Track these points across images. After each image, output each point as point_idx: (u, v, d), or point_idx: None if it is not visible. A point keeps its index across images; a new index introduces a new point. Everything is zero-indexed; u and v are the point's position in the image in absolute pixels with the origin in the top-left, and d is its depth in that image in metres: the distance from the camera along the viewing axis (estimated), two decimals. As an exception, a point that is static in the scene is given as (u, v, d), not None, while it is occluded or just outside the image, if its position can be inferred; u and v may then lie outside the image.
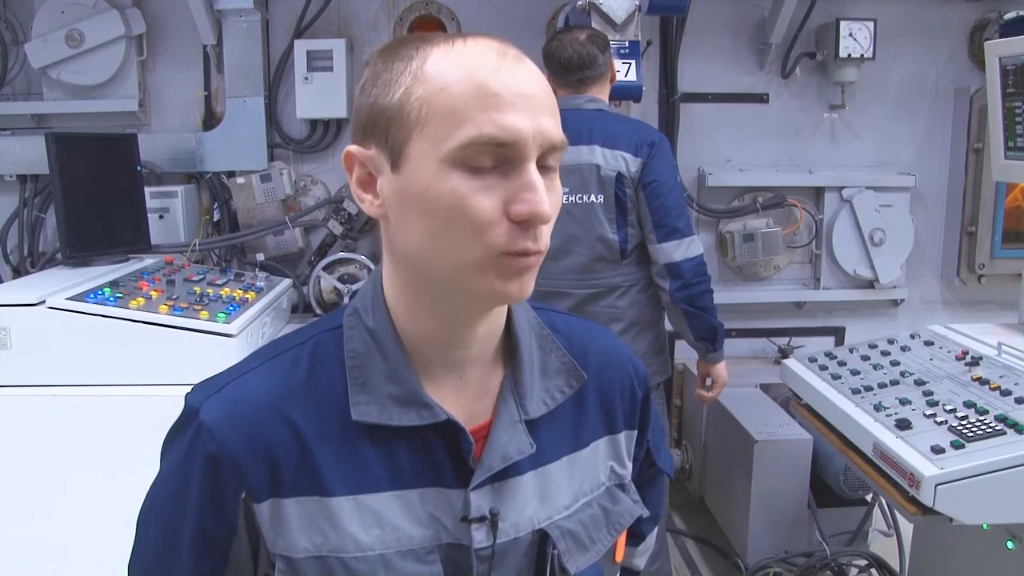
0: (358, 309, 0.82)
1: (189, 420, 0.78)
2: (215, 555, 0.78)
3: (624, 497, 0.91)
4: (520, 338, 0.84)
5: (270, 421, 0.77)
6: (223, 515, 0.77)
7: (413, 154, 0.72)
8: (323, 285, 3.14)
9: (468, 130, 0.69)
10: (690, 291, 2.32)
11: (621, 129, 2.37)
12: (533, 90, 0.73)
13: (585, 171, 2.34)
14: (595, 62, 2.37)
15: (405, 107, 0.72)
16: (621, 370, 0.93)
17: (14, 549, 2.12)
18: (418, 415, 0.77)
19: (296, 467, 0.76)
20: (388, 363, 0.78)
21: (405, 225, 0.74)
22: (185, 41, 3.11)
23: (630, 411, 0.93)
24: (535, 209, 0.70)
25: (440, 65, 0.72)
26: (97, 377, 2.15)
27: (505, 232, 0.70)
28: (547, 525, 0.83)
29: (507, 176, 0.71)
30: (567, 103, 2.42)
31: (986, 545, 1.98)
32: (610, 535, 0.88)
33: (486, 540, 0.79)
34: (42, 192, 3.08)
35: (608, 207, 2.34)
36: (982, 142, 3.32)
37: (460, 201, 0.70)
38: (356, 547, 0.76)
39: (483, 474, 0.79)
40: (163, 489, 0.81)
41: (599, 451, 0.90)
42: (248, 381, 0.80)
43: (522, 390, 0.82)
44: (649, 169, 2.32)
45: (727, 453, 3.03)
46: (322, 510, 0.77)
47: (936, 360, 2.08)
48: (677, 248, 2.31)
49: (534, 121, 0.71)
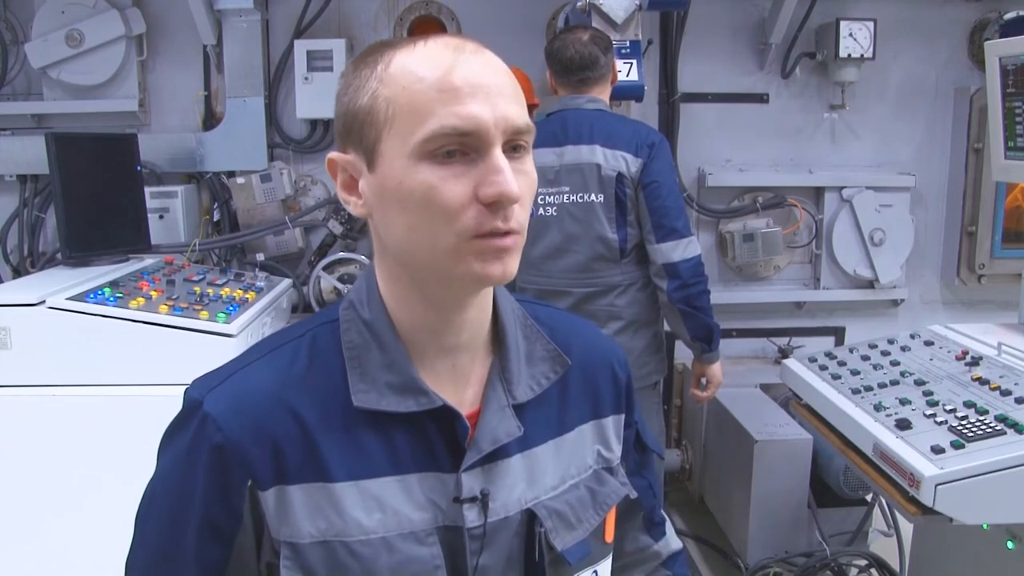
0: (353, 303, 0.85)
1: (192, 413, 0.80)
2: (221, 545, 0.79)
3: (611, 479, 0.94)
4: (506, 327, 0.88)
5: (274, 411, 0.79)
6: (229, 504, 0.78)
7: (385, 152, 0.76)
8: (323, 285, 3.14)
9: (431, 124, 0.73)
10: (687, 291, 2.34)
11: (621, 129, 2.38)
12: (491, 79, 0.76)
13: (586, 170, 2.35)
14: (597, 63, 2.38)
15: (374, 108, 0.76)
16: (603, 357, 0.97)
17: (15, 549, 2.12)
18: (416, 401, 0.80)
19: (300, 455, 0.79)
20: (385, 353, 0.82)
21: (387, 221, 0.78)
22: (185, 41, 3.11)
23: (615, 396, 0.97)
24: (502, 189, 0.73)
25: (402, 66, 0.76)
26: (97, 377, 2.15)
27: (475, 215, 0.74)
28: (534, 505, 0.86)
29: (475, 163, 0.74)
30: (567, 103, 2.43)
31: (986, 545, 1.98)
32: (597, 514, 0.91)
33: (478, 520, 0.82)
34: (42, 192, 3.08)
35: (608, 206, 2.35)
36: (982, 142, 3.32)
37: (431, 191, 0.74)
38: (360, 531, 0.79)
39: (473, 456, 0.82)
40: (165, 483, 0.82)
41: (585, 435, 0.93)
42: (250, 373, 0.82)
43: (509, 376, 0.86)
44: (649, 170, 2.33)
45: (727, 453, 3.03)
46: (326, 496, 0.79)
47: (936, 360, 2.08)
48: (675, 248, 2.32)
49: (494, 108, 0.74)
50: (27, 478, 2.11)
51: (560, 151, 2.38)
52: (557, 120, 2.42)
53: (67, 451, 2.11)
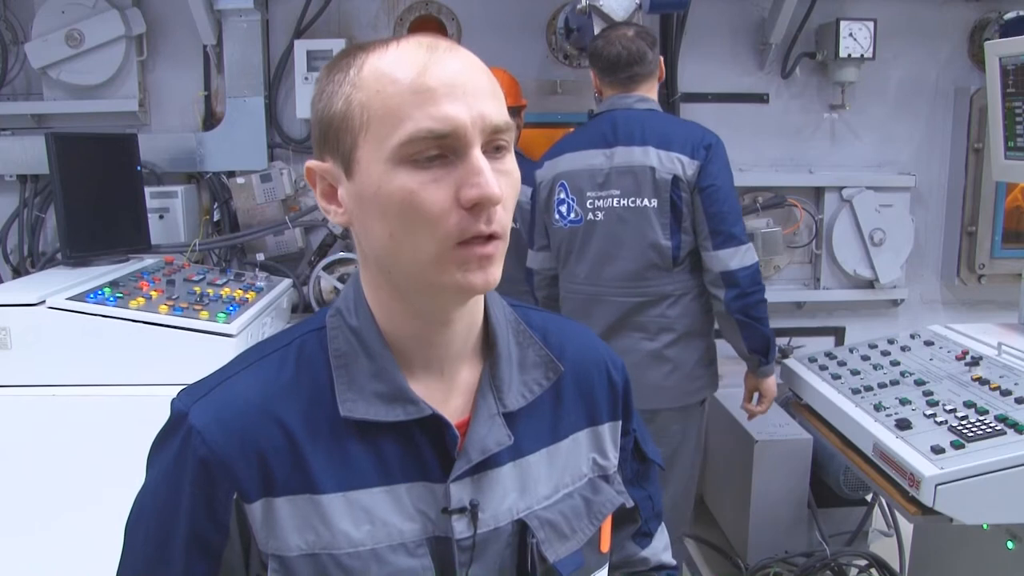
0: (341, 310, 0.84)
1: (178, 425, 0.79)
2: (208, 559, 0.78)
3: (606, 488, 0.92)
4: (498, 333, 0.86)
5: (260, 422, 0.78)
6: (216, 518, 0.77)
7: (362, 158, 0.74)
8: (323, 285, 3.14)
9: (407, 127, 0.71)
10: (746, 300, 2.21)
11: (675, 130, 2.27)
12: (467, 78, 0.74)
13: (638, 173, 2.23)
14: (645, 58, 2.27)
15: (348, 114, 0.75)
16: (598, 363, 0.95)
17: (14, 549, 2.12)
18: (404, 411, 0.79)
19: (287, 466, 0.77)
20: (373, 361, 0.80)
21: (367, 229, 0.77)
22: (185, 41, 3.11)
23: (611, 402, 0.95)
24: (483, 191, 0.71)
25: (375, 68, 0.74)
26: (97, 377, 2.15)
27: (456, 221, 0.72)
28: (526, 515, 0.84)
29: (453, 165, 0.73)
30: (615, 103, 2.31)
31: (986, 545, 1.98)
32: (591, 524, 0.89)
33: (467, 531, 0.81)
34: (42, 192, 3.07)
35: (662, 211, 2.22)
36: (982, 142, 3.32)
37: (411, 196, 0.72)
38: (348, 543, 0.78)
39: (462, 466, 0.80)
40: (152, 496, 0.81)
41: (580, 443, 0.91)
42: (235, 384, 0.81)
43: (500, 383, 0.84)
44: (706, 173, 2.20)
45: (727, 453, 3.03)
46: (313, 508, 0.77)
47: (936, 360, 2.08)
48: (733, 256, 2.19)
49: (471, 108, 0.72)
50: (27, 478, 2.11)
51: (610, 152, 2.26)
52: (606, 120, 2.30)
53: (67, 451, 2.11)
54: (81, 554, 2.04)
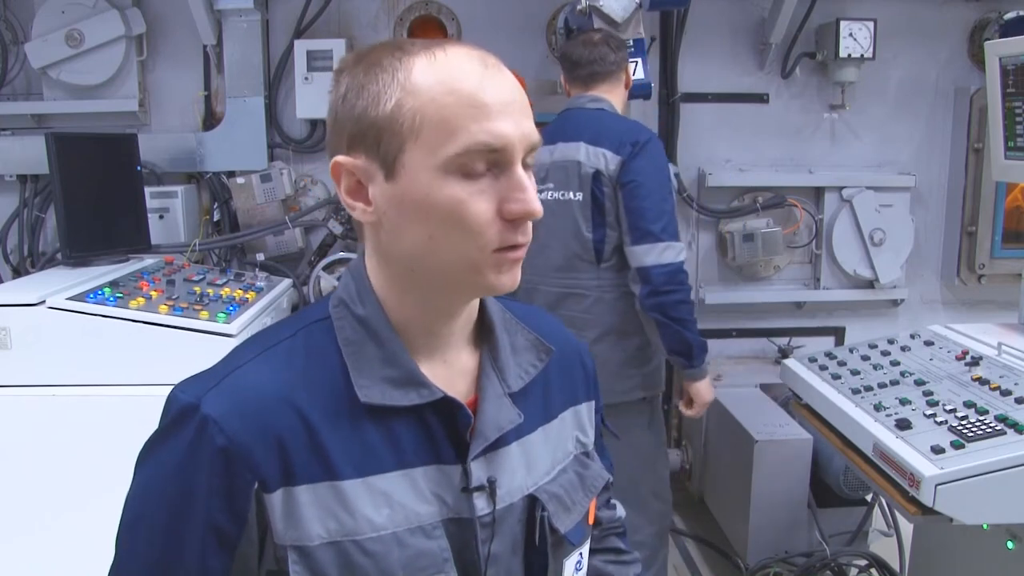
0: (344, 300, 0.85)
1: (187, 417, 0.77)
2: (224, 552, 0.77)
3: (592, 463, 0.99)
4: (495, 320, 0.90)
5: (278, 409, 0.78)
6: (234, 509, 0.77)
7: (408, 163, 0.76)
8: (323, 285, 3.14)
9: (463, 139, 0.75)
10: (659, 299, 2.21)
11: (611, 127, 2.32)
12: (514, 96, 0.79)
13: (569, 167, 2.33)
14: (605, 58, 2.34)
15: (397, 118, 0.76)
16: (573, 347, 1.02)
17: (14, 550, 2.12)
18: (418, 394, 0.81)
19: (306, 453, 0.78)
20: (382, 348, 0.82)
21: (401, 229, 0.79)
22: (185, 41, 3.11)
23: (586, 383, 1.02)
24: (528, 208, 0.77)
25: (427, 76, 0.77)
26: (97, 377, 2.15)
27: (498, 231, 0.77)
28: (535, 490, 0.89)
29: (497, 179, 0.77)
30: (572, 102, 2.40)
31: (986, 545, 1.98)
32: (586, 497, 0.95)
33: (487, 507, 0.83)
34: (42, 192, 3.07)
35: (586, 205, 2.30)
36: (982, 142, 3.32)
37: (459, 206, 0.76)
38: (371, 528, 0.79)
39: (480, 445, 0.83)
40: (158, 495, 0.79)
41: (566, 422, 0.97)
42: (248, 373, 0.81)
43: (501, 366, 0.89)
44: (628, 168, 2.25)
45: (727, 453, 3.03)
46: (334, 495, 0.78)
47: (936, 360, 2.08)
48: (649, 252, 2.22)
49: (519, 126, 0.77)
50: (27, 478, 2.11)
51: (552, 149, 2.36)
52: (560, 119, 2.41)
53: (67, 451, 2.11)
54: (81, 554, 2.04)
